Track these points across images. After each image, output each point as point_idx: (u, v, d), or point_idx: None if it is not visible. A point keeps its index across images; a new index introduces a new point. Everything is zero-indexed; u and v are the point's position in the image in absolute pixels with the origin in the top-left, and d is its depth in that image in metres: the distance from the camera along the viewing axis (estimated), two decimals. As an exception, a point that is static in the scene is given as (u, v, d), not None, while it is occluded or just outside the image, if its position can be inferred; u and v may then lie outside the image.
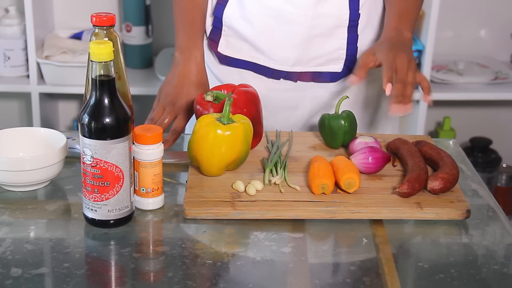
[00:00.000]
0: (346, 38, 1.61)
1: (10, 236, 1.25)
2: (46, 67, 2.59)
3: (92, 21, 1.35)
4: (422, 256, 1.25)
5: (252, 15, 1.60)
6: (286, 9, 1.57)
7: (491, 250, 1.26)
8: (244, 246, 1.26)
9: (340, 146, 1.51)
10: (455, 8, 2.87)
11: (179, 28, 1.63)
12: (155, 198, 1.32)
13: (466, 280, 1.17)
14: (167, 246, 1.23)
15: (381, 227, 1.30)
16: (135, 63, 2.77)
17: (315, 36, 1.59)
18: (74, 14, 2.82)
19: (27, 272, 1.15)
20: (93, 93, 1.22)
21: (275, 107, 1.65)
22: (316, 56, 1.62)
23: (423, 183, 1.34)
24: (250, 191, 1.33)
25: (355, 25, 1.60)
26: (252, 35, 1.61)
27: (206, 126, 1.36)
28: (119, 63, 1.39)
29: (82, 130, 1.23)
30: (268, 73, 1.64)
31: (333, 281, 1.19)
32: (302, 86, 1.65)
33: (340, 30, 1.60)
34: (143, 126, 1.32)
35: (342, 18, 1.59)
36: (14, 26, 2.68)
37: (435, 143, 1.51)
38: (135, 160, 1.29)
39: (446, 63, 2.85)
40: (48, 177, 1.39)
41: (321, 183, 1.33)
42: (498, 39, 2.94)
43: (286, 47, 1.60)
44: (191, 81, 1.58)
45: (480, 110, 3.00)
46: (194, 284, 1.15)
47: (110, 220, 1.26)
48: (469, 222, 1.32)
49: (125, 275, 1.18)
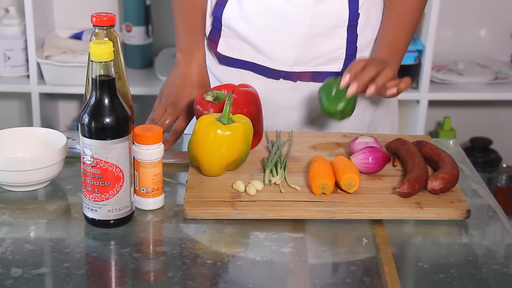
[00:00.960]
0: (345, 38, 1.61)
1: (10, 236, 1.25)
2: (46, 67, 2.59)
3: (92, 21, 1.35)
4: (422, 256, 1.25)
5: (252, 15, 1.60)
6: (286, 9, 1.57)
7: (491, 250, 1.26)
8: (244, 246, 1.26)
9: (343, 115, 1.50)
10: (455, 8, 2.87)
11: (180, 29, 1.63)
12: (155, 198, 1.32)
13: (466, 280, 1.17)
14: (167, 246, 1.23)
15: (381, 227, 1.30)
16: (135, 63, 2.77)
17: (315, 36, 1.60)
18: (74, 14, 2.82)
19: (27, 272, 1.15)
20: (93, 93, 1.22)
21: (275, 107, 1.66)
22: (315, 56, 1.62)
23: (423, 183, 1.34)
24: (250, 191, 1.33)
25: (354, 25, 1.60)
26: (252, 35, 1.61)
27: (206, 126, 1.36)
28: (119, 63, 1.39)
29: (82, 130, 1.23)
30: (267, 73, 1.64)
31: (333, 281, 1.19)
32: (301, 86, 1.65)
33: (339, 30, 1.60)
34: (143, 126, 1.32)
35: (342, 18, 1.59)
36: (14, 26, 2.68)
37: (435, 143, 1.51)
38: (135, 160, 1.29)
39: (446, 63, 2.85)
40: (48, 177, 1.39)
41: (321, 183, 1.33)
42: (498, 39, 2.94)
43: (285, 47, 1.60)
44: (193, 82, 1.58)
45: (480, 110, 3.00)
46: (194, 284, 1.15)
47: (110, 220, 1.26)
48: (469, 222, 1.32)
49: (125, 275, 1.18)
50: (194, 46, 1.62)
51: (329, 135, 1.59)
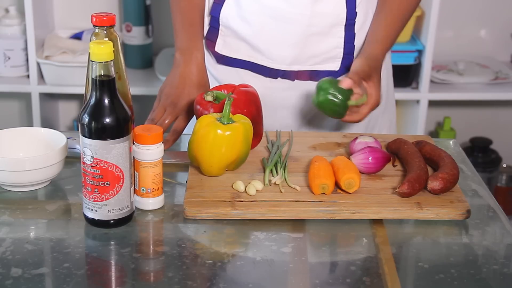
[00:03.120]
0: (343, 37, 1.61)
1: (10, 236, 1.25)
2: (46, 67, 2.59)
3: (92, 21, 1.35)
4: (422, 256, 1.25)
5: (249, 14, 1.60)
6: (284, 8, 1.57)
7: (491, 250, 1.26)
8: (244, 246, 1.26)
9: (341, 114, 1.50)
10: (455, 8, 2.87)
11: (179, 29, 1.63)
12: (155, 198, 1.32)
13: (466, 280, 1.17)
14: (167, 246, 1.23)
15: (381, 227, 1.30)
16: (135, 63, 2.77)
17: (313, 35, 1.60)
18: (74, 14, 2.82)
19: (27, 272, 1.15)
20: (93, 93, 1.22)
21: (273, 106, 1.66)
22: (313, 55, 1.62)
23: (423, 183, 1.34)
24: (250, 191, 1.33)
25: (352, 23, 1.61)
26: (250, 35, 1.61)
27: (206, 126, 1.36)
28: (119, 63, 1.39)
29: (82, 130, 1.23)
30: (265, 72, 1.64)
31: (333, 281, 1.19)
32: (299, 85, 1.65)
33: (337, 29, 1.61)
34: (143, 126, 1.32)
35: (339, 17, 1.59)
36: (14, 26, 2.68)
37: (435, 143, 1.51)
38: (135, 160, 1.29)
39: (446, 63, 2.85)
40: (48, 177, 1.39)
41: (321, 183, 1.33)
42: (498, 39, 2.93)
43: (283, 46, 1.60)
44: (192, 82, 1.59)
45: (480, 110, 3.00)
46: (194, 284, 1.15)
47: (110, 220, 1.26)
48: (469, 222, 1.32)
49: (125, 275, 1.18)
50: (193, 46, 1.62)
51: (329, 135, 1.59)
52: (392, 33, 1.62)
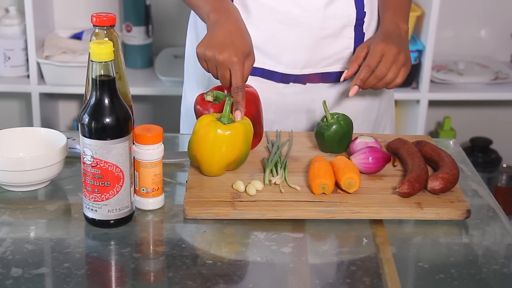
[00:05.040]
0: (353, 37, 1.61)
1: (10, 236, 1.25)
2: (46, 67, 2.59)
3: (92, 21, 1.35)
4: (422, 256, 1.25)
5: (260, 21, 1.58)
6: (296, 12, 1.56)
7: (491, 250, 1.26)
8: (244, 246, 1.26)
9: (342, 151, 1.50)
10: (455, 8, 2.87)
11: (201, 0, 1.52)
12: (155, 198, 1.32)
13: (466, 280, 1.17)
14: (167, 246, 1.23)
15: (381, 227, 1.30)
16: (135, 63, 2.77)
17: (325, 38, 1.59)
18: (74, 14, 2.82)
19: (27, 272, 1.15)
20: (93, 93, 1.22)
21: (286, 111, 1.65)
22: (325, 57, 1.61)
23: (423, 183, 1.34)
24: (250, 191, 1.33)
25: (361, 23, 1.61)
26: (260, 41, 1.59)
27: (206, 126, 1.36)
28: (119, 63, 1.39)
29: (82, 130, 1.23)
30: (277, 77, 1.63)
31: (333, 281, 1.19)
32: (311, 88, 1.64)
33: (347, 30, 1.60)
34: (143, 126, 1.32)
35: (350, 17, 1.59)
36: (14, 26, 2.68)
37: (435, 143, 1.51)
38: (135, 160, 1.29)
39: (446, 63, 2.85)
40: (48, 177, 1.39)
41: (321, 183, 1.33)
42: (498, 39, 2.94)
43: (296, 51, 1.59)
44: (243, 28, 1.47)
45: (480, 110, 3.00)
46: (194, 284, 1.15)
47: (110, 220, 1.26)
48: (469, 222, 1.32)
49: (125, 275, 1.18)
50: (228, 5, 1.50)
51: (329, 135, 1.59)
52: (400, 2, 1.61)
